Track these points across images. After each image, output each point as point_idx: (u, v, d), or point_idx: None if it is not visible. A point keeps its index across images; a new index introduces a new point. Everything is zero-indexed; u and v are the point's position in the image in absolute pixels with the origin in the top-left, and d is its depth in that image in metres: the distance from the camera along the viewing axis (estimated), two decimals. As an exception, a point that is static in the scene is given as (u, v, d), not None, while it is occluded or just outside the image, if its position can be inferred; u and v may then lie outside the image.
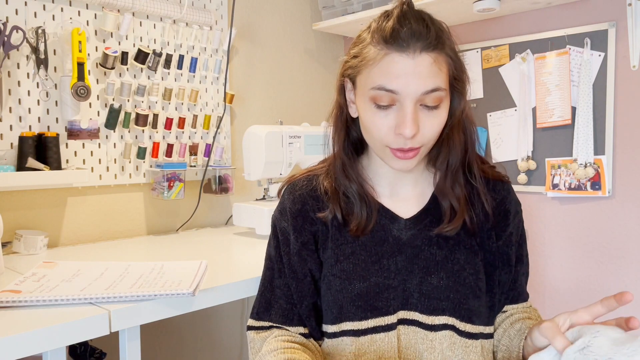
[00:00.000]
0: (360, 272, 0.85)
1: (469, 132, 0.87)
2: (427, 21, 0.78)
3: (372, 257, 0.86)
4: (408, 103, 0.77)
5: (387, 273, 0.85)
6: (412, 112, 0.77)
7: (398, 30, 0.76)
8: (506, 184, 0.93)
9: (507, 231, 0.90)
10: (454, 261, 0.84)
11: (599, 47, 1.70)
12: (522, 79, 1.88)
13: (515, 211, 0.93)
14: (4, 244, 1.35)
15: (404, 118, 0.76)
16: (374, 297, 0.84)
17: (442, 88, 0.77)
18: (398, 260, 0.86)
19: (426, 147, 0.82)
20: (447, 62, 0.79)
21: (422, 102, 0.78)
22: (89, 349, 1.37)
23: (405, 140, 0.78)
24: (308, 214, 0.91)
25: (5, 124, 1.40)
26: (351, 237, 0.88)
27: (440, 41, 0.78)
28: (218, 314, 1.90)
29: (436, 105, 0.78)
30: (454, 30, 0.86)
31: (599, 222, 1.75)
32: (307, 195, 0.92)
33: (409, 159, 0.81)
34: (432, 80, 0.76)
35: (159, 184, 1.68)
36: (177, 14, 1.72)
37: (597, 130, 1.72)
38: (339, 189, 0.89)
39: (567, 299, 1.83)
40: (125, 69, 1.64)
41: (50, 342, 0.79)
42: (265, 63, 2.08)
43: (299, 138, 1.66)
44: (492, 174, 0.92)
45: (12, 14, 1.40)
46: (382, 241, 0.87)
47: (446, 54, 0.79)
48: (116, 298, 0.89)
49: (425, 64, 0.76)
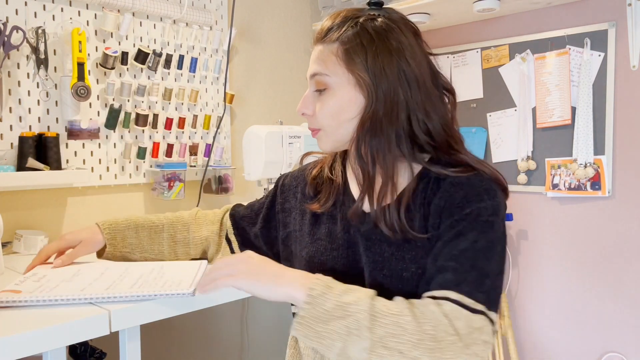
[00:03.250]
0: (320, 257, 0.91)
1: (368, 137, 0.84)
2: (333, 18, 0.87)
3: (332, 244, 0.91)
4: (309, 86, 0.89)
5: (344, 261, 0.89)
6: (306, 93, 0.89)
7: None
8: (448, 179, 0.84)
9: (439, 226, 0.83)
10: (398, 258, 0.84)
11: (599, 47, 1.70)
12: (522, 79, 1.88)
13: (446, 205, 0.82)
14: (4, 244, 1.35)
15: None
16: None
17: (322, 73, 0.85)
18: (351, 252, 0.89)
19: (326, 132, 0.88)
20: (335, 54, 0.84)
21: (314, 86, 0.88)
22: (89, 349, 1.37)
23: (307, 119, 0.90)
24: (297, 191, 1.03)
25: (5, 124, 1.40)
26: (323, 222, 0.94)
27: (328, 35, 0.86)
28: (218, 314, 1.90)
29: (321, 89, 0.86)
30: (454, 30, 0.86)
31: (599, 222, 1.75)
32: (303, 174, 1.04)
33: (316, 138, 0.91)
34: (314, 66, 0.87)
35: (159, 184, 1.68)
36: (177, 14, 1.72)
37: (597, 130, 1.72)
38: (321, 175, 0.99)
39: (567, 298, 1.83)
40: (125, 69, 1.64)
41: (50, 342, 0.79)
42: (265, 63, 2.08)
43: (299, 138, 1.66)
44: (436, 172, 0.85)
45: (12, 14, 1.40)
46: (345, 230, 0.91)
47: (335, 46, 0.85)
48: (116, 298, 0.89)
49: (315, 53, 0.87)
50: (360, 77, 0.83)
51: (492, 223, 0.79)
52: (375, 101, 0.83)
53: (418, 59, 0.85)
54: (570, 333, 1.83)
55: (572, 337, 1.83)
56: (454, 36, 2.03)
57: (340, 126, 0.86)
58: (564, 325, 1.85)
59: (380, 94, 0.82)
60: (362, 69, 0.83)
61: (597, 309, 1.77)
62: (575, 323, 1.82)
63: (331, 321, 0.72)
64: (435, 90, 0.87)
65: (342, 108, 0.85)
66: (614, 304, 1.73)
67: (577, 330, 1.81)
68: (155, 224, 1.10)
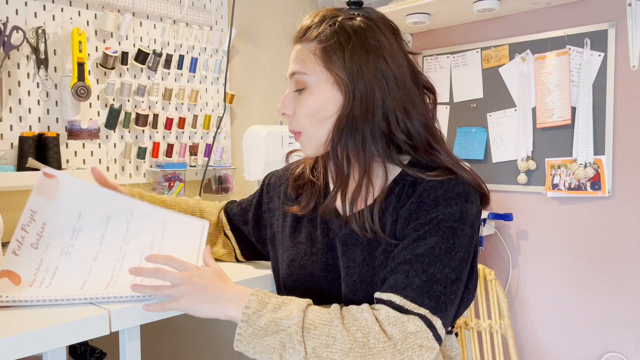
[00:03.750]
0: (300, 260, 0.92)
1: (344, 138, 0.83)
2: (312, 17, 0.88)
3: (312, 248, 0.92)
4: (288, 86, 0.90)
5: (323, 265, 0.90)
6: (286, 93, 0.90)
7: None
8: (424, 183, 0.83)
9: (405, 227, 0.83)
10: (369, 264, 0.83)
11: (599, 47, 1.70)
12: (522, 79, 1.88)
13: (415, 209, 0.82)
14: (4, 244, 1.35)
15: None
16: (305, 285, 0.91)
17: (301, 72, 0.86)
18: (329, 256, 0.90)
19: (306, 133, 0.87)
20: (313, 53, 0.85)
21: (294, 85, 0.88)
22: (89, 349, 1.37)
23: (287, 120, 0.90)
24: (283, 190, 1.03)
25: (5, 124, 1.40)
26: (304, 225, 0.95)
27: (307, 34, 0.86)
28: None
29: (300, 89, 0.87)
30: (454, 30, 0.86)
31: (599, 222, 1.75)
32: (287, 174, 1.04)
33: (298, 142, 0.90)
34: (293, 66, 0.87)
35: (159, 184, 1.68)
36: (177, 14, 1.72)
37: (597, 130, 1.72)
38: (302, 176, 0.99)
39: (567, 298, 1.83)
40: (125, 69, 1.64)
41: (50, 342, 0.79)
42: (265, 63, 2.08)
43: (299, 138, 1.66)
44: (413, 175, 0.85)
45: (12, 14, 1.40)
46: (325, 234, 0.91)
47: (313, 45, 0.85)
48: (116, 298, 0.89)
49: (294, 53, 0.89)
50: (338, 76, 0.83)
51: (455, 229, 0.78)
52: (352, 100, 0.82)
53: (397, 58, 0.84)
54: (570, 333, 1.83)
55: (572, 337, 1.83)
56: (454, 36, 2.03)
57: (320, 126, 0.86)
58: (564, 325, 1.85)
59: (357, 93, 0.82)
60: (340, 68, 0.82)
61: (597, 309, 1.77)
62: (575, 323, 1.82)
63: (266, 337, 0.74)
64: (415, 89, 0.86)
65: (321, 107, 0.85)
66: (614, 304, 1.73)
67: (577, 330, 1.81)
68: (166, 202, 1.12)
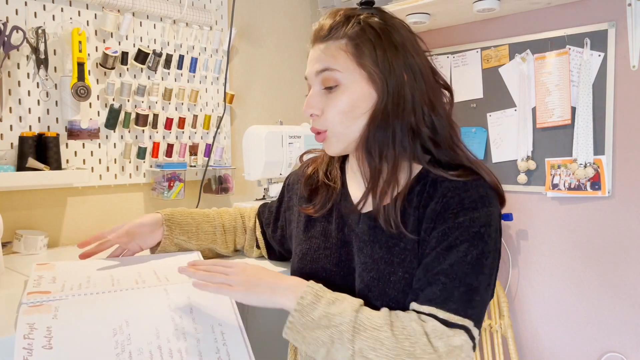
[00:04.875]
0: (313, 254, 0.93)
1: (379, 133, 0.84)
2: (333, 16, 0.87)
3: (326, 243, 0.93)
4: (312, 85, 0.88)
5: (336, 260, 0.90)
6: (312, 93, 0.87)
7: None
8: (446, 182, 0.84)
9: (432, 230, 0.83)
10: (387, 262, 0.83)
11: (599, 47, 1.70)
12: (522, 79, 1.88)
13: (442, 211, 0.82)
14: (4, 244, 1.35)
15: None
16: (317, 279, 0.89)
17: (332, 69, 0.84)
18: (343, 252, 0.90)
19: (333, 131, 0.87)
20: (344, 50, 0.84)
21: (322, 84, 0.86)
22: (89, 349, 1.37)
23: (312, 120, 0.88)
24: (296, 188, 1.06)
25: (5, 124, 1.40)
26: (318, 221, 0.96)
27: (333, 32, 0.85)
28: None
29: (331, 86, 0.85)
30: (454, 30, 0.87)
31: (599, 222, 1.75)
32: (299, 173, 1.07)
33: (322, 142, 0.90)
34: (321, 63, 0.85)
35: (159, 184, 1.68)
36: (177, 14, 1.72)
37: (596, 130, 1.72)
38: (314, 176, 1.00)
39: (567, 298, 1.83)
40: (125, 69, 1.64)
41: (50, 342, 0.79)
42: (265, 63, 2.08)
43: (299, 138, 1.66)
44: (435, 173, 0.85)
45: (12, 14, 1.40)
46: (339, 230, 0.92)
47: (344, 42, 0.85)
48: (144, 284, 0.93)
49: (317, 52, 0.87)
50: (371, 72, 0.83)
51: (482, 235, 0.79)
52: (386, 95, 0.83)
53: (420, 54, 0.86)
54: (570, 333, 1.83)
55: (572, 337, 1.83)
56: (454, 36, 2.04)
57: (352, 123, 0.85)
58: (564, 325, 1.85)
59: (390, 88, 0.83)
60: (372, 64, 0.83)
61: (597, 309, 1.77)
62: (575, 323, 1.82)
63: (317, 329, 0.75)
64: (437, 85, 0.88)
65: (355, 104, 0.84)
66: (614, 304, 1.73)
67: (577, 330, 1.81)
68: (206, 214, 1.18)
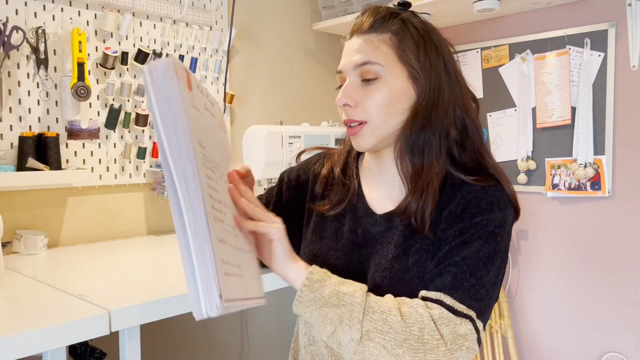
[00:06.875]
0: (323, 255, 0.92)
1: (426, 129, 0.84)
2: (374, 12, 0.88)
3: (337, 244, 0.92)
4: (347, 77, 0.86)
5: (347, 262, 0.90)
6: (348, 84, 0.86)
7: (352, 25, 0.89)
8: (465, 186, 0.85)
9: (448, 230, 0.84)
10: (402, 261, 0.84)
11: (599, 47, 1.70)
12: (522, 79, 1.88)
13: (460, 212, 0.84)
14: (4, 244, 1.35)
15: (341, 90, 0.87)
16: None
17: (374, 62, 0.84)
18: (355, 253, 0.90)
19: (372, 124, 0.85)
20: (387, 44, 0.84)
21: (359, 76, 0.85)
22: (89, 349, 1.37)
23: (345, 111, 0.86)
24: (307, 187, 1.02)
25: (5, 124, 1.40)
26: (329, 221, 0.95)
27: (376, 26, 0.85)
28: (218, 314, 1.90)
29: (370, 78, 0.84)
30: (454, 30, 0.88)
31: (599, 222, 1.75)
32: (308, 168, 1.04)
33: (355, 135, 0.87)
34: (362, 55, 0.84)
35: (159, 184, 1.68)
36: (177, 14, 1.72)
37: (597, 130, 1.72)
38: (331, 173, 0.98)
39: (567, 298, 1.83)
40: (125, 69, 1.64)
41: (50, 342, 0.79)
42: (265, 63, 2.08)
43: (299, 138, 1.66)
44: (457, 177, 0.86)
45: (12, 14, 1.40)
46: (352, 231, 0.91)
47: (387, 36, 0.85)
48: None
49: (357, 44, 0.86)
50: (414, 69, 0.84)
51: (496, 235, 0.81)
52: (426, 94, 0.84)
53: (453, 60, 0.88)
54: (570, 333, 1.83)
55: (572, 337, 1.83)
56: (454, 36, 2.03)
57: (390, 118, 0.85)
58: (564, 325, 1.85)
59: (430, 87, 0.84)
60: (414, 61, 0.84)
61: (597, 309, 1.77)
62: (575, 323, 1.82)
63: (325, 307, 0.74)
64: (467, 91, 0.90)
65: (395, 99, 0.84)
66: (614, 304, 1.73)
67: (577, 330, 1.81)
68: None
